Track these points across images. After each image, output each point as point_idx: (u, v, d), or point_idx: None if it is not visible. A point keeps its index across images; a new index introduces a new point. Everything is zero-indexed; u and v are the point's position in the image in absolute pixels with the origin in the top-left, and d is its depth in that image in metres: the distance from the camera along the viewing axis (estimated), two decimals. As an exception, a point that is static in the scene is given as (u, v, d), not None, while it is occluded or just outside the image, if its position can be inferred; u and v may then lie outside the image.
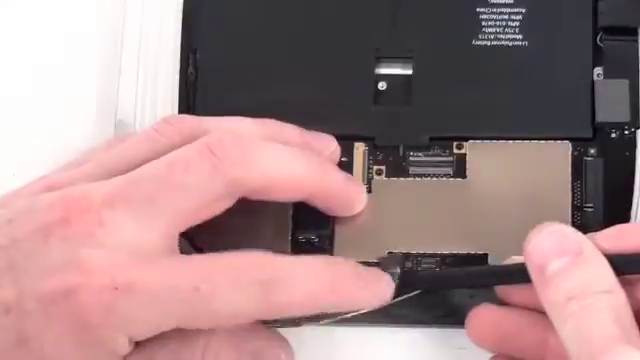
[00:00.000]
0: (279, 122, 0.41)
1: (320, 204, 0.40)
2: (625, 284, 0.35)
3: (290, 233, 0.41)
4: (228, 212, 0.38)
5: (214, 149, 0.37)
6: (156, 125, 0.40)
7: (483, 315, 0.38)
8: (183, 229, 0.37)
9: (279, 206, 0.41)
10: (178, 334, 0.37)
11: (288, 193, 0.39)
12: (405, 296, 0.39)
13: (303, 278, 0.36)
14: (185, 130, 0.39)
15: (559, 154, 0.42)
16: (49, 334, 0.35)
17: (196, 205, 0.36)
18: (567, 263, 0.35)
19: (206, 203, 0.37)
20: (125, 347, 0.35)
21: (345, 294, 0.37)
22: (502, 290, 0.39)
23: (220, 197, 0.37)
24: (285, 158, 0.38)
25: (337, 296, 0.37)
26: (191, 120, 0.40)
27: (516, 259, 0.38)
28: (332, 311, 0.38)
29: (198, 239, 0.40)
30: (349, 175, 0.42)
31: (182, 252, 0.37)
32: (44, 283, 0.35)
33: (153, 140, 0.39)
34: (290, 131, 0.41)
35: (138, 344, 0.36)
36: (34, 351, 0.35)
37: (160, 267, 0.35)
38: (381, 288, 0.38)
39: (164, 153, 0.37)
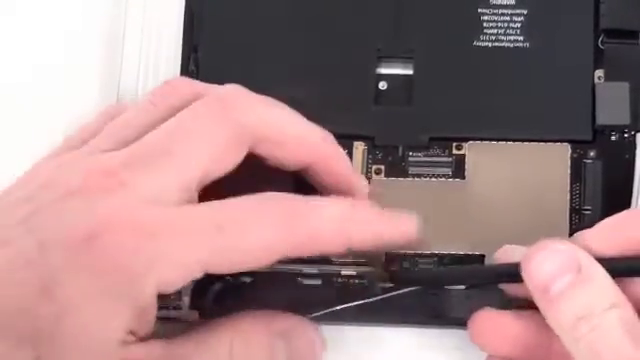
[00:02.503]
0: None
1: (322, 176, 0.39)
2: (618, 282, 0.35)
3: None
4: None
5: (222, 98, 0.37)
6: (159, 87, 0.39)
7: (485, 318, 0.38)
8: (200, 181, 0.36)
9: None
10: (204, 323, 0.37)
11: (295, 149, 0.38)
12: (407, 289, 0.40)
13: (327, 207, 0.36)
14: (192, 91, 0.38)
15: (558, 156, 0.42)
16: (73, 282, 0.34)
17: (208, 155, 0.36)
18: (569, 284, 0.35)
19: (217, 152, 0.36)
20: (150, 296, 0.34)
21: (372, 219, 0.37)
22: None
23: (230, 145, 0.37)
24: (294, 116, 0.38)
25: (364, 222, 0.37)
26: (192, 85, 0.40)
27: (509, 248, 0.38)
28: (363, 243, 0.37)
29: None
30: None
31: None
32: (66, 232, 0.34)
33: (159, 102, 0.38)
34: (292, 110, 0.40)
35: (167, 339, 0.36)
36: (57, 299, 0.34)
37: (182, 210, 0.35)
38: (405, 222, 0.38)
39: (172, 112, 0.37)
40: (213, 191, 0.37)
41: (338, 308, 0.39)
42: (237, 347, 0.37)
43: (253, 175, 0.38)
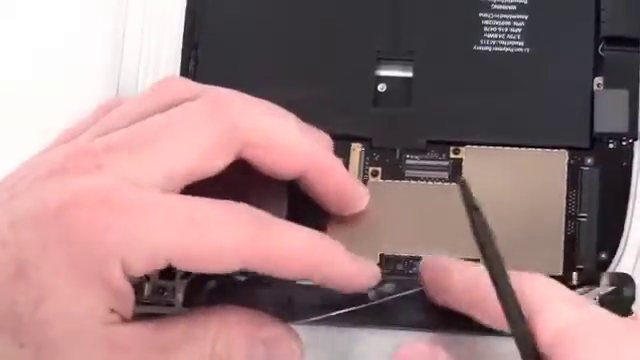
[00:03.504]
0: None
1: (316, 187, 0.39)
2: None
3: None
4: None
5: (216, 99, 0.37)
6: (155, 85, 0.39)
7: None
8: (184, 177, 0.36)
9: (273, 209, 0.40)
10: (194, 311, 0.37)
11: (286, 157, 0.38)
12: (403, 293, 0.40)
13: (294, 232, 0.36)
14: (187, 90, 0.38)
15: (555, 162, 0.42)
16: (46, 261, 0.34)
17: (195, 150, 0.36)
18: None
19: (204, 149, 0.36)
20: (119, 277, 0.34)
21: (339, 256, 0.37)
22: (431, 290, 0.39)
23: (218, 145, 0.37)
24: (286, 121, 0.38)
25: (331, 255, 0.37)
26: (190, 84, 0.39)
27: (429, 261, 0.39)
28: (329, 277, 0.37)
29: None
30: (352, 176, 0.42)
31: None
32: (37, 209, 0.34)
33: (153, 98, 0.38)
34: (287, 113, 0.40)
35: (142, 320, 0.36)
36: (33, 282, 0.34)
37: (156, 196, 0.35)
38: (368, 269, 0.38)
39: (166, 108, 0.37)
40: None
41: (333, 314, 0.39)
42: (219, 345, 0.37)
43: (245, 187, 0.38)
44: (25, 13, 0.46)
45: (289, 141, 0.38)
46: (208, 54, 0.44)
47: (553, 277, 0.40)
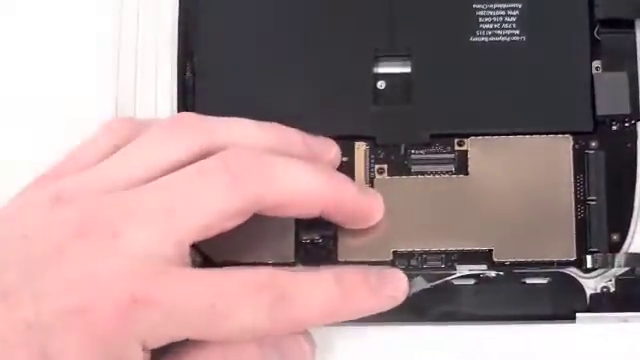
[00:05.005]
0: (282, 127, 0.40)
1: (335, 218, 0.40)
2: None
3: (294, 235, 0.41)
4: None
5: (232, 165, 0.37)
6: (171, 124, 0.39)
7: None
8: (197, 238, 0.37)
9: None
10: (194, 342, 0.37)
11: (304, 209, 0.39)
12: (412, 291, 0.40)
13: (314, 293, 0.37)
14: (201, 138, 0.39)
15: (560, 148, 0.42)
16: (70, 348, 0.35)
17: (212, 220, 0.37)
18: None
19: (222, 219, 0.37)
20: (138, 355, 0.35)
21: (358, 302, 0.38)
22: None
23: (236, 213, 0.37)
24: (301, 174, 0.38)
25: (350, 305, 0.37)
26: (206, 124, 0.39)
27: None
28: (347, 319, 0.38)
29: (201, 242, 0.40)
30: (365, 186, 0.42)
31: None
32: (62, 300, 0.35)
33: (166, 143, 0.38)
34: (293, 136, 0.40)
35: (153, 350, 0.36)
36: None
37: (176, 282, 0.36)
38: (394, 288, 0.39)
39: (182, 156, 0.38)
40: None
41: None
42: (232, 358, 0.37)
43: None
44: (24, 16, 0.46)
45: (308, 196, 0.38)
46: (204, 61, 0.44)
47: (567, 262, 0.41)
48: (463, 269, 0.41)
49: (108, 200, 0.37)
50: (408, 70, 0.44)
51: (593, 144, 0.42)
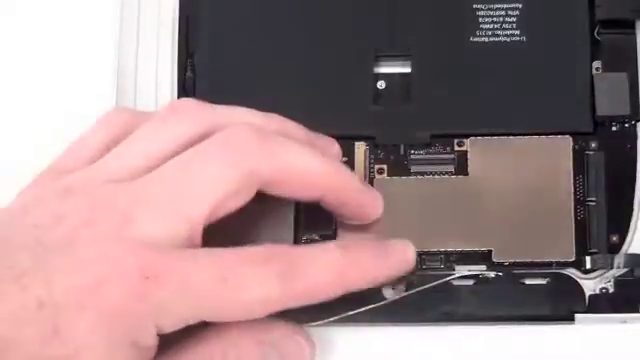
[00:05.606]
0: (283, 118, 0.41)
1: (334, 206, 0.40)
2: None
3: (293, 234, 0.41)
4: (231, 214, 0.38)
5: (231, 141, 0.37)
6: (170, 111, 0.40)
7: None
8: (205, 222, 0.37)
9: (281, 207, 0.41)
10: (198, 333, 0.37)
11: (304, 188, 0.39)
12: (412, 291, 0.40)
13: (321, 260, 0.37)
14: (202, 121, 0.39)
15: (560, 149, 0.42)
16: (82, 324, 0.35)
17: (217, 197, 0.37)
18: None
19: (226, 195, 0.37)
20: (151, 338, 0.36)
21: (365, 267, 0.38)
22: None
23: (239, 189, 0.37)
24: (302, 153, 0.38)
25: (358, 271, 0.38)
26: (205, 109, 0.40)
27: None
28: (359, 288, 0.38)
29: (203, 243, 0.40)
30: (367, 184, 0.42)
31: None
32: (74, 278, 0.35)
33: (169, 129, 0.39)
34: (294, 128, 0.40)
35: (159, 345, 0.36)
36: (66, 341, 0.35)
37: (187, 259, 0.36)
38: (402, 252, 0.39)
39: (182, 141, 0.38)
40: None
41: (350, 313, 0.39)
42: (231, 358, 0.37)
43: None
44: (24, 16, 0.46)
45: (308, 174, 0.38)
46: (205, 60, 0.44)
47: (566, 263, 0.41)
48: (462, 269, 0.41)
49: (117, 189, 0.37)
50: (408, 70, 0.44)
51: (593, 145, 0.42)
